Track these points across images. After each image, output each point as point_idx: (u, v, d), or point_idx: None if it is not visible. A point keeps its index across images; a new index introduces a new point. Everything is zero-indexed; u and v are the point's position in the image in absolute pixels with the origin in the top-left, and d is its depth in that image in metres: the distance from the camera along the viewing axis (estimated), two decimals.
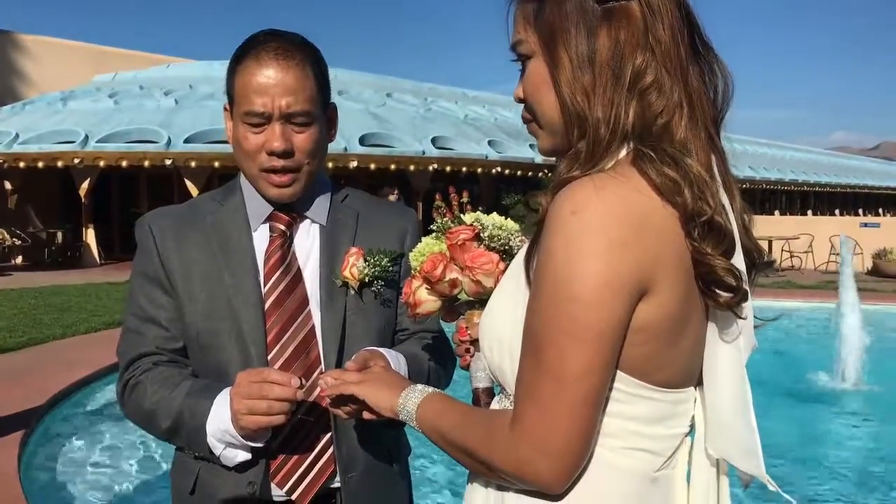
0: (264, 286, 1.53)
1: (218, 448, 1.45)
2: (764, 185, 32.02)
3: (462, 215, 1.31)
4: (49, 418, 6.17)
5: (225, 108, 1.58)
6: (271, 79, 1.45)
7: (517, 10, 1.13)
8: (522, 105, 1.16)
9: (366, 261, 1.53)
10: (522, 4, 1.12)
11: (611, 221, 0.96)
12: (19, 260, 19.03)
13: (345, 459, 1.54)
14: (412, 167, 18.52)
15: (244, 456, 1.46)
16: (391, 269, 1.55)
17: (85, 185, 18.03)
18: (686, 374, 1.10)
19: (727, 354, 1.08)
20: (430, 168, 18.62)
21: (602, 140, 1.03)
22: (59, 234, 19.36)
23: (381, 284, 1.55)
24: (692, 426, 1.14)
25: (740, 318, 1.07)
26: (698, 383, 1.13)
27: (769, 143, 43.63)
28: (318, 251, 1.58)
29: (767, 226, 19.00)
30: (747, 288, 1.05)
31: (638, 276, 0.98)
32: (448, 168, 18.84)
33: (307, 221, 1.60)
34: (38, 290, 13.45)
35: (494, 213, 1.32)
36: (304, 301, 1.54)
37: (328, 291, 1.55)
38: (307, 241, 1.59)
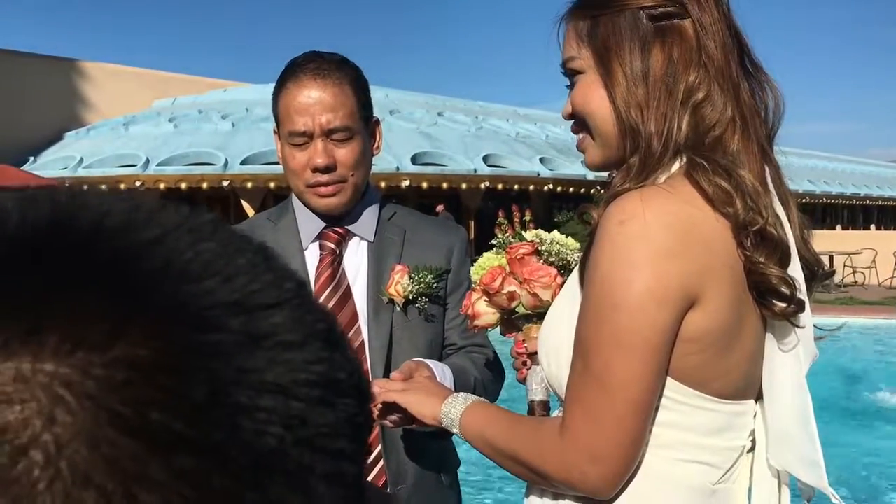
0: None
1: None
2: (825, 200, 31.27)
3: (523, 232, 1.33)
4: None
5: (274, 131, 1.65)
6: (311, 98, 1.52)
7: (569, 27, 1.16)
8: (572, 121, 1.19)
9: (410, 278, 1.56)
10: (575, 22, 1.15)
11: (656, 231, 0.98)
12: None
13: (394, 471, 1.56)
14: (464, 185, 18.59)
15: None
16: (435, 285, 1.59)
17: None
18: (743, 385, 1.10)
19: (786, 364, 1.08)
20: (482, 186, 18.66)
21: (654, 153, 1.05)
22: None
23: (426, 301, 1.58)
24: (754, 441, 1.14)
25: (798, 327, 1.07)
26: (758, 397, 1.13)
27: (830, 157, 42.62)
28: (366, 268, 1.62)
29: (829, 240, 18.54)
30: (803, 298, 1.05)
31: (685, 286, 0.99)
32: (500, 186, 18.86)
33: (356, 239, 1.64)
34: None
35: (556, 231, 1.34)
36: (354, 317, 1.58)
37: (375, 308, 1.59)
38: (356, 259, 1.63)
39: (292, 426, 0.27)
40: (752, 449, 1.14)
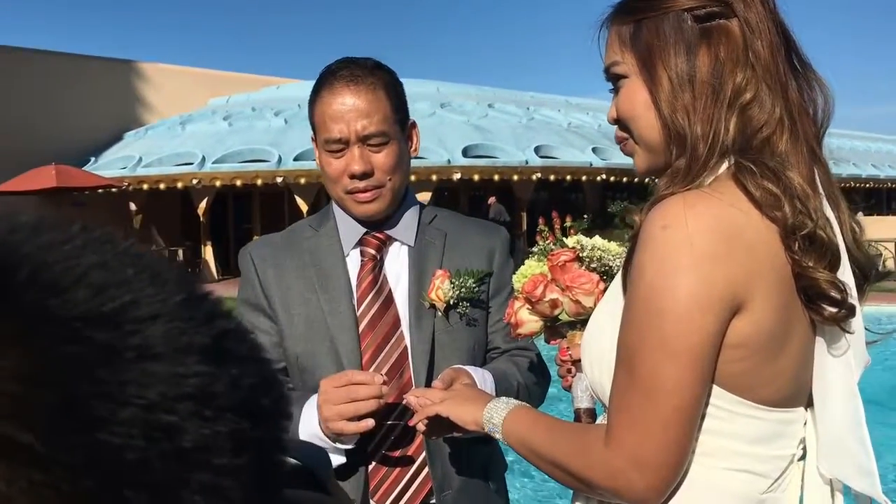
0: (358, 309, 1.59)
1: None
2: (889, 184, 30.28)
3: (564, 238, 1.33)
4: None
5: (312, 139, 1.67)
6: (345, 105, 1.54)
7: (612, 32, 1.15)
8: (616, 125, 1.18)
9: (451, 283, 1.56)
10: (617, 27, 1.13)
11: (701, 236, 0.97)
12: None
13: (439, 477, 1.56)
14: (516, 177, 18.51)
15: (339, 459, 1.50)
16: (476, 289, 1.58)
17: (203, 204, 18.91)
18: (792, 392, 1.07)
19: (837, 370, 1.06)
20: (534, 177, 18.56)
21: (700, 157, 1.04)
22: (181, 252, 20.31)
23: (468, 305, 1.58)
24: (804, 449, 1.11)
25: (848, 332, 1.04)
26: (809, 404, 1.10)
27: (885, 139, 41.22)
28: (408, 273, 1.62)
29: (883, 227, 17.93)
30: (854, 302, 1.02)
31: (730, 291, 0.97)
32: (552, 177, 18.73)
33: (396, 244, 1.64)
34: None
35: (597, 236, 1.33)
36: (396, 323, 1.58)
37: (417, 313, 1.59)
38: (397, 264, 1.63)
39: (157, 439, 0.26)
40: (802, 457, 1.11)
